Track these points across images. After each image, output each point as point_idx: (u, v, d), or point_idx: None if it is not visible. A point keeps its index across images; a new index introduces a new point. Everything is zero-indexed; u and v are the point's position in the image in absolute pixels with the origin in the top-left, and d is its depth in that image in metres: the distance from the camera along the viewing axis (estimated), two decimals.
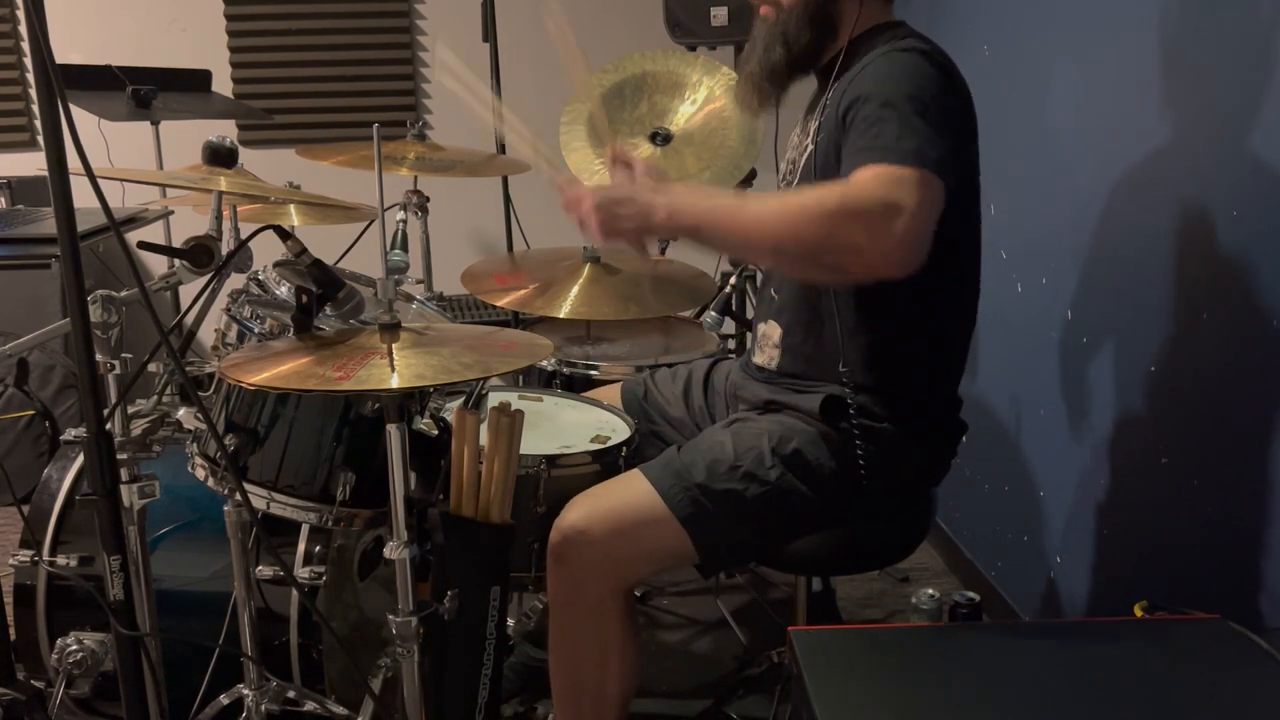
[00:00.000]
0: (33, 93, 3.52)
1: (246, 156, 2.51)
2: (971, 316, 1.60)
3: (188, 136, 2.41)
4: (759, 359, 1.68)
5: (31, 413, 3.02)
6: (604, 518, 1.50)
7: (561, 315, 2.06)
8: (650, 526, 1.50)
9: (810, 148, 1.53)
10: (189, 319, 1.52)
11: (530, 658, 2.12)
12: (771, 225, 1.32)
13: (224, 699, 1.73)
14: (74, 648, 1.73)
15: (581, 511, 1.52)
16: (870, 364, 1.52)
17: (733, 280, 2.34)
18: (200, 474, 1.53)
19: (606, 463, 1.72)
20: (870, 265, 1.27)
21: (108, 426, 1.26)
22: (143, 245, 1.52)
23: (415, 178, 2.49)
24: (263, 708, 1.69)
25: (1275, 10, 1.48)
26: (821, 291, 1.54)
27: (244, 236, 1.48)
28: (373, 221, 2.01)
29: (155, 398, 1.58)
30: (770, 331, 1.65)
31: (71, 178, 1.15)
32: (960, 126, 1.43)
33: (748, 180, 2.68)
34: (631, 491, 1.53)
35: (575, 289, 2.11)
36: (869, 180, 1.29)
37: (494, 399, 1.81)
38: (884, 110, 1.35)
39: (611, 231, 1.40)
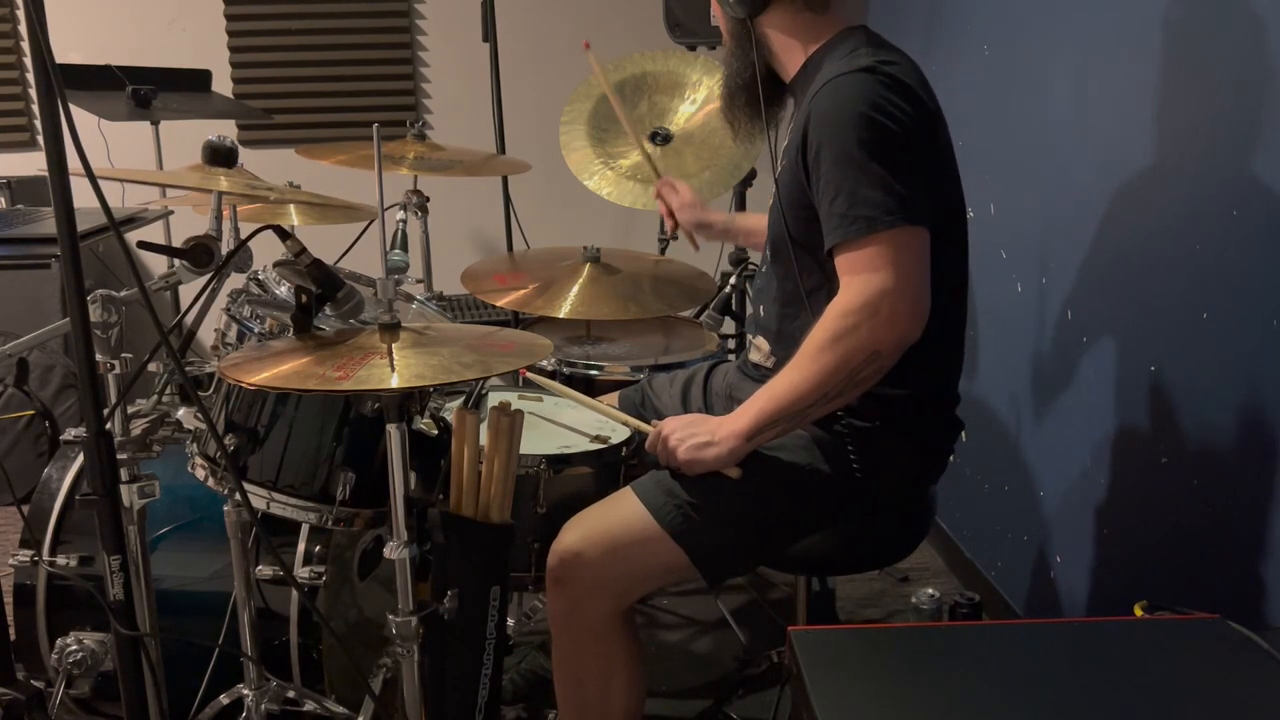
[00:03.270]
0: (33, 93, 3.52)
1: (246, 156, 2.51)
2: (961, 313, 1.60)
3: (188, 136, 2.41)
4: (755, 357, 1.69)
5: (31, 413, 3.03)
6: (599, 540, 1.50)
7: (561, 315, 2.06)
8: (644, 545, 1.50)
9: (784, 163, 1.55)
10: (189, 319, 1.52)
11: (541, 666, 2.12)
12: (805, 388, 1.42)
13: (224, 699, 1.73)
14: (74, 648, 1.73)
15: (577, 534, 1.52)
16: None
17: (733, 280, 2.34)
18: (200, 474, 1.53)
19: (606, 463, 1.72)
20: (894, 351, 1.40)
21: (108, 426, 1.26)
22: (143, 245, 1.52)
23: (415, 177, 2.49)
24: (263, 708, 1.69)
25: (1275, 10, 1.48)
26: (802, 305, 1.55)
27: (244, 236, 1.48)
28: (373, 221, 2.01)
29: (155, 398, 1.58)
30: (760, 344, 1.67)
31: (71, 178, 1.15)
32: (924, 142, 1.44)
33: (747, 180, 2.68)
34: (624, 511, 1.53)
35: (575, 289, 2.11)
36: (843, 289, 1.41)
37: (494, 399, 1.81)
38: (839, 168, 1.39)
39: (691, 456, 1.48)
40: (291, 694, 1.73)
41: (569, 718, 1.62)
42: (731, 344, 2.60)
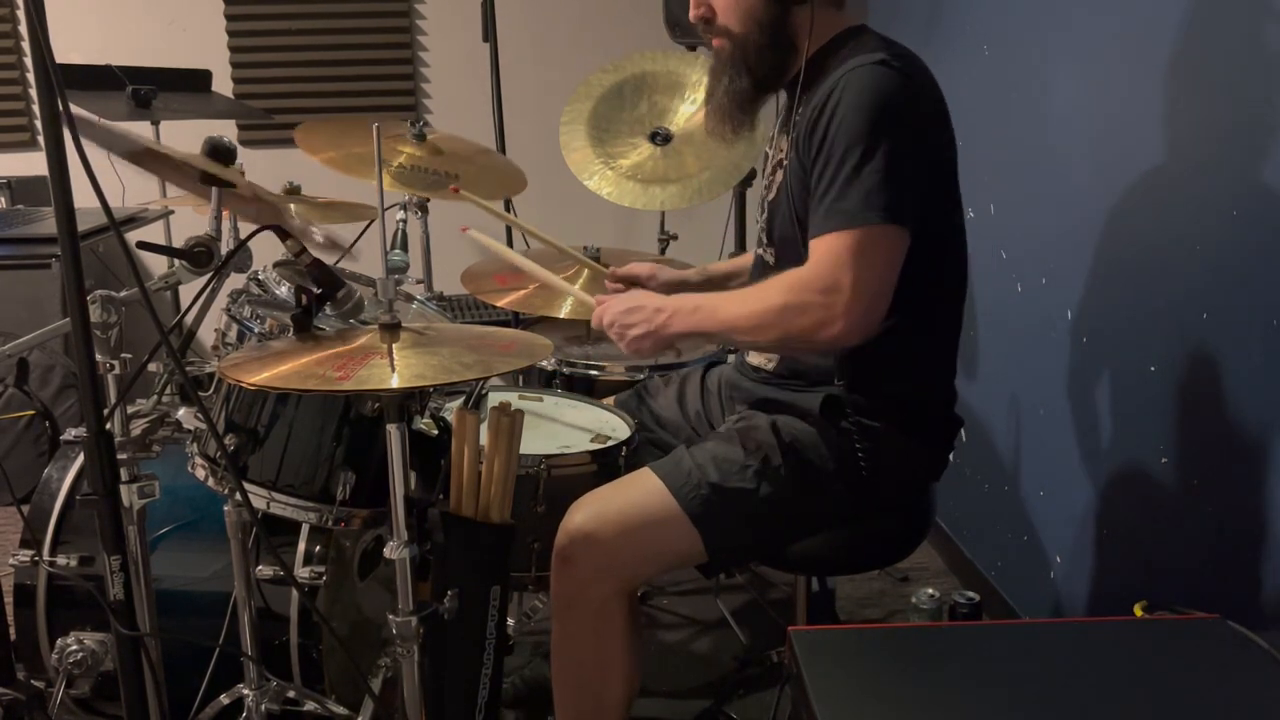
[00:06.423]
0: (33, 93, 3.52)
1: (246, 156, 2.51)
2: (960, 313, 1.61)
3: (188, 136, 2.41)
4: (754, 359, 1.68)
5: (31, 413, 3.03)
6: (613, 519, 1.50)
7: (561, 315, 2.06)
8: (660, 526, 1.49)
9: (785, 163, 1.55)
10: (189, 319, 1.52)
11: (544, 675, 2.11)
12: (742, 327, 1.46)
13: (224, 699, 1.73)
14: (74, 648, 1.73)
15: (589, 513, 1.51)
16: (864, 366, 1.52)
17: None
18: (200, 474, 1.53)
19: (606, 463, 1.72)
20: (828, 343, 1.40)
21: (108, 426, 1.25)
22: (143, 245, 1.52)
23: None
24: (263, 708, 1.69)
25: (1274, 10, 1.48)
26: None
27: (244, 236, 1.48)
28: (373, 221, 2.01)
29: (155, 398, 1.58)
30: None
31: (71, 178, 1.15)
32: (928, 142, 1.46)
33: (747, 180, 2.68)
34: (641, 490, 1.52)
35: (575, 289, 2.10)
36: (812, 265, 1.41)
37: (494, 399, 1.81)
38: (838, 157, 1.40)
39: (629, 339, 1.53)
40: (291, 694, 1.73)
41: (565, 701, 1.61)
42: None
